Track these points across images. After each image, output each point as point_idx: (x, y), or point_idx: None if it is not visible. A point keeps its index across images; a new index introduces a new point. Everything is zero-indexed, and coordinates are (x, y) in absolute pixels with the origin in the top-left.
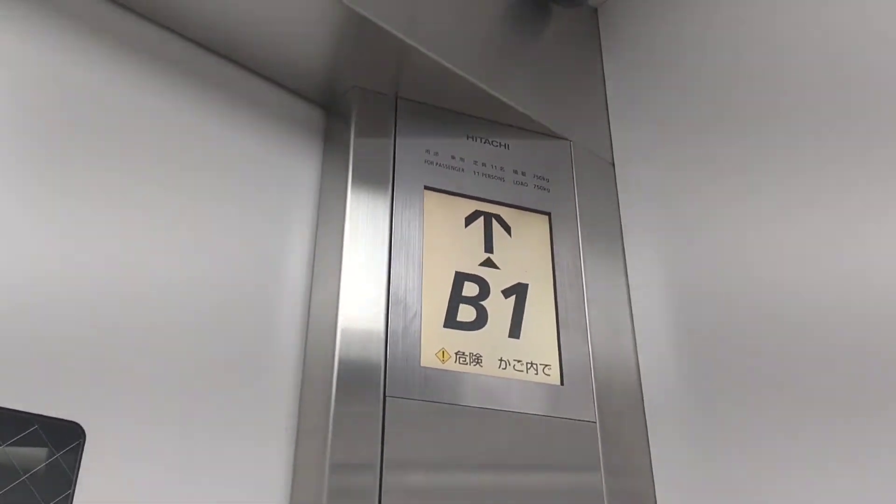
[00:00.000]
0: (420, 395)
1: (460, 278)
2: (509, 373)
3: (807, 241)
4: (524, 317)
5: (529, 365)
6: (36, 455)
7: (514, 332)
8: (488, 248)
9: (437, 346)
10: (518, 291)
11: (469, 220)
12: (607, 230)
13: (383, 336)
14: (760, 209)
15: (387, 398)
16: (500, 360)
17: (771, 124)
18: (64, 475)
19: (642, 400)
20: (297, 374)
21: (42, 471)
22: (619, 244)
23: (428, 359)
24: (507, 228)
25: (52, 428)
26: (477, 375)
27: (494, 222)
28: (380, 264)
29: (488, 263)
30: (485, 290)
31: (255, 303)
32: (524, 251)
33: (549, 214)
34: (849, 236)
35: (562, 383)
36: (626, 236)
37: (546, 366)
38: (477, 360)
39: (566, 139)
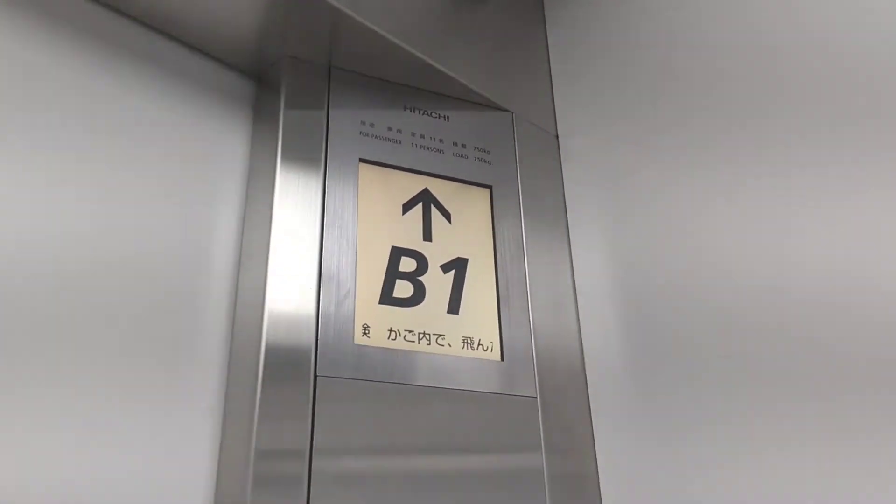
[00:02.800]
0: (353, 374)
1: (397, 253)
2: (448, 349)
3: (750, 219)
4: (464, 292)
5: (469, 341)
6: None
7: (454, 307)
8: (426, 213)
9: (371, 323)
10: (457, 266)
11: (407, 206)
12: (551, 204)
13: (314, 316)
14: (706, 185)
15: (318, 378)
16: (439, 336)
17: (716, 99)
18: None
19: (585, 377)
20: (224, 357)
21: None
22: (562, 219)
23: (361, 336)
24: (447, 215)
25: None
26: (414, 352)
27: (433, 208)
28: (311, 241)
29: (426, 236)
30: (423, 265)
31: (180, 282)
32: (464, 225)
33: (490, 188)
34: (792, 213)
35: (502, 359)
36: (569, 211)
37: (486, 342)
38: (414, 336)
39: (508, 111)
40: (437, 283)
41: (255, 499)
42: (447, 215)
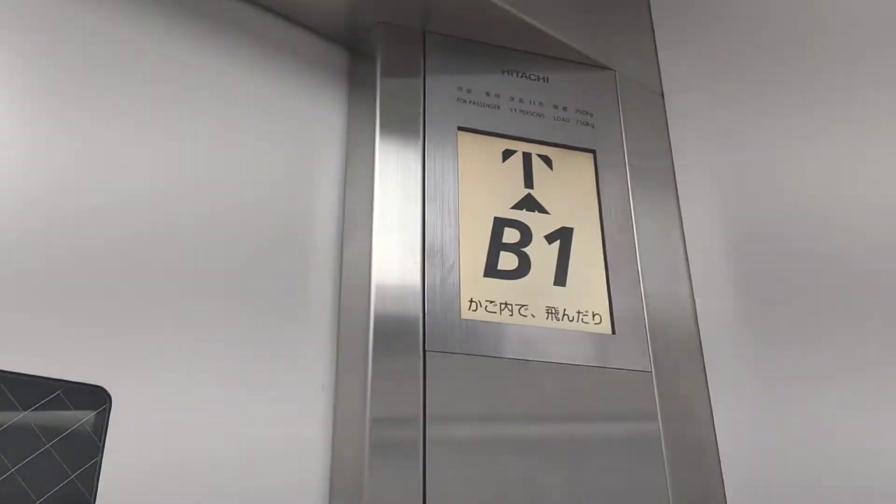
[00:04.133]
0: (462, 349)
1: (500, 224)
2: (556, 323)
3: (869, 174)
4: (570, 263)
5: (578, 314)
6: (61, 421)
7: (560, 279)
8: (528, 183)
9: (476, 296)
10: (562, 236)
11: (506, 154)
12: (658, 166)
13: (420, 289)
14: (824, 138)
15: (427, 353)
16: (546, 309)
17: (834, 50)
18: (90, 441)
19: (700, 345)
20: (332, 329)
21: (67, 437)
22: (670, 181)
23: (468, 311)
24: (549, 162)
25: (76, 393)
26: (522, 326)
27: (535, 157)
28: (413, 214)
29: (529, 206)
30: (526, 235)
31: (286, 257)
32: (567, 192)
33: (593, 152)
34: None
35: (613, 332)
36: (678, 172)
37: (596, 314)
38: (521, 310)
39: (610, 69)
40: (542, 255)
41: (372, 463)
42: (550, 184)
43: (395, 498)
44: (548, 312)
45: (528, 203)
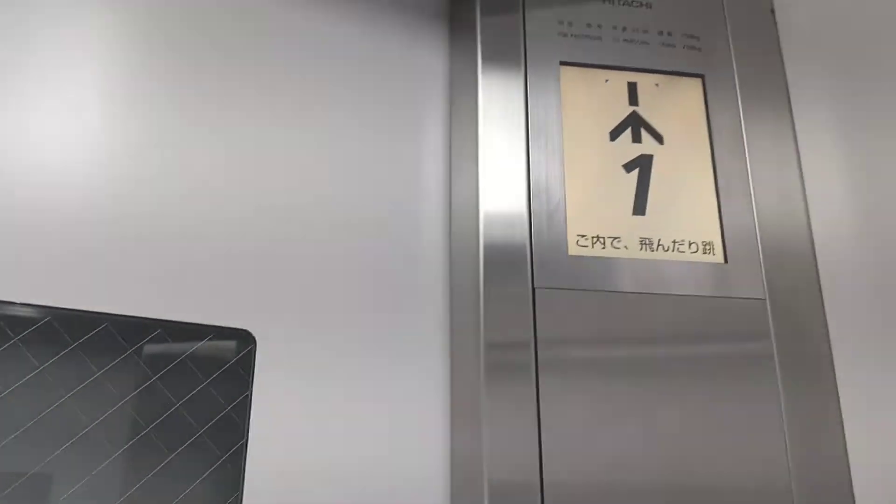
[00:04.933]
0: (570, 285)
1: (606, 158)
2: (667, 254)
3: None
4: (681, 194)
5: (689, 244)
6: (214, 362)
7: (670, 210)
8: (635, 114)
9: (584, 232)
10: (672, 167)
11: (611, 86)
12: (770, 88)
13: (527, 228)
14: None
15: (535, 290)
16: (656, 241)
17: None
18: (241, 379)
19: (817, 272)
20: (444, 265)
21: (221, 376)
22: (784, 103)
23: (576, 246)
24: (656, 90)
25: (225, 336)
26: (631, 260)
27: (641, 86)
28: (518, 153)
29: (637, 137)
30: (634, 168)
31: (396, 197)
32: (676, 121)
33: (702, 77)
34: None
35: (725, 261)
36: (792, 92)
37: (707, 244)
38: (630, 243)
39: None
40: (651, 186)
41: (488, 383)
42: (657, 113)
43: (511, 419)
44: (658, 244)
45: (636, 134)
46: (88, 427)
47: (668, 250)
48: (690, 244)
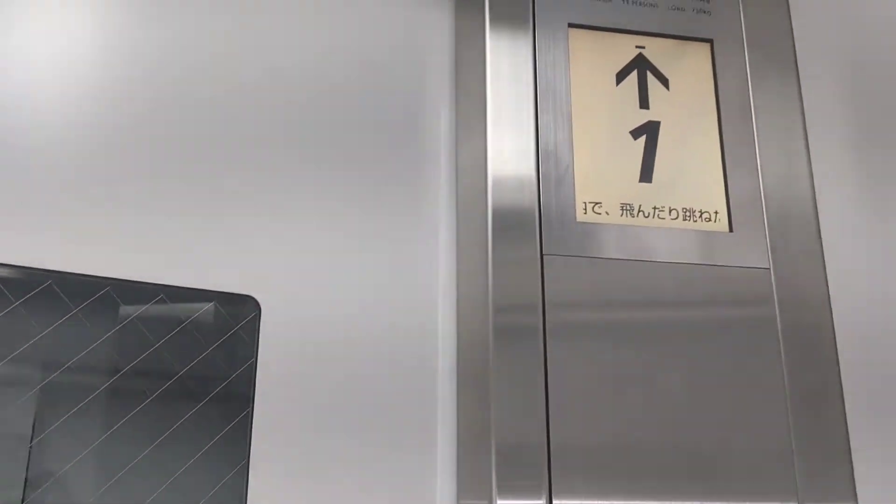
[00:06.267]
0: (578, 252)
1: (615, 124)
2: (673, 222)
3: None
4: (687, 161)
5: (695, 212)
6: (219, 328)
7: (677, 178)
8: (643, 80)
9: (592, 199)
10: (680, 134)
11: (619, 49)
12: (778, 54)
13: (535, 193)
14: None
15: (544, 256)
16: (663, 208)
17: None
18: (246, 345)
19: (821, 242)
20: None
21: (226, 342)
22: (792, 69)
23: (583, 213)
24: (664, 55)
25: (230, 302)
26: (638, 227)
27: (649, 50)
28: (527, 117)
29: (645, 103)
30: (642, 134)
31: (400, 154)
32: (684, 85)
33: (710, 42)
34: None
35: (731, 230)
36: (800, 59)
37: (713, 212)
38: (638, 210)
39: None
40: (659, 153)
41: (497, 346)
42: (664, 78)
43: (519, 382)
44: (665, 211)
45: (644, 100)
46: (90, 396)
47: (675, 218)
48: (697, 213)
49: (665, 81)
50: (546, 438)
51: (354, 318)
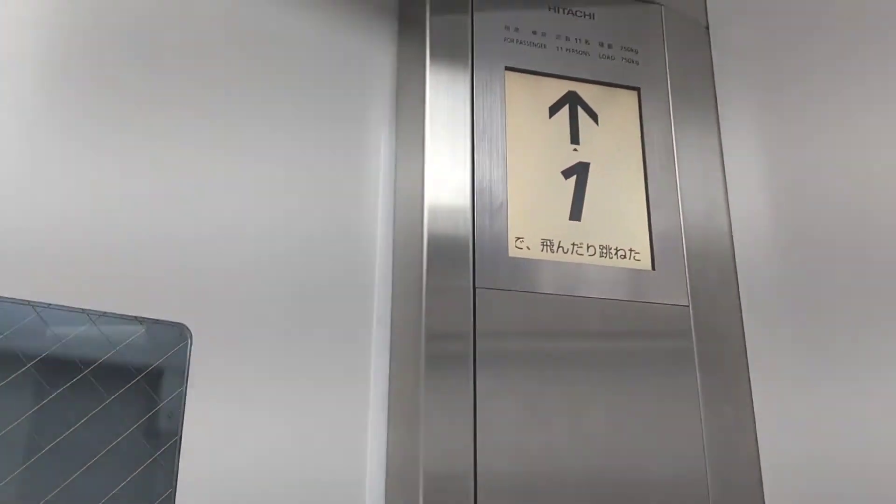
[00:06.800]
0: (510, 285)
1: (546, 164)
2: (600, 259)
3: None
4: (613, 201)
5: (620, 251)
6: (148, 356)
7: (602, 217)
8: (574, 122)
9: (524, 235)
10: (607, 176)
11: (553, 109)
12: (701, 103)
13: (470, 221)
14: (869, 82)
15: (476, 290)
16: (590, 246)
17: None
18: (176, 374)
19: (737, 283)
20: (388, 256)
21: (155, 370)
22: (713, 119)
23: (515, 249)
24: (594, 100)
25: (160, 330)
26: (566, 264)
27: (580, 95)
28: (463, 155)
29: (575, 145)
30: (572, 175)
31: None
32: (612, 130)
33: (638, 90)
34: None
35: (653, 268)
36: (721, 110)
37: (637, 251)
38: (566, 247)
39: (657, 3)
40: (587, 193)
41: (428, 375)
42: (594, 114)
43: (448, 410)
44: (592, 249)
45: (574, 141)
46: (14, 423)
47: (601, 256)
48: (622, 251)
49: (595, 117)
50: (473, 467)
51: (285, 343)
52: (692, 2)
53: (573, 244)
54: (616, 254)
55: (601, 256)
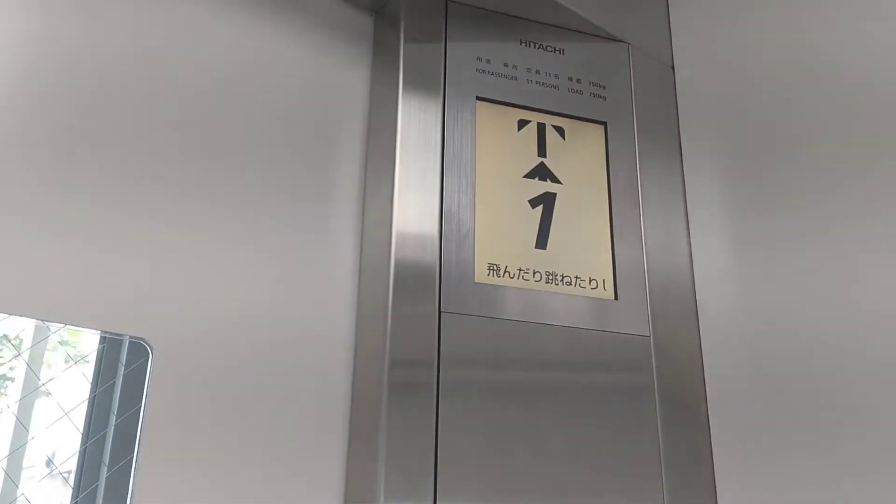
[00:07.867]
0: (474, 311)
1: (514, 193)
2: (564, 288)
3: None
4: (579, 232)
5: (583, 280)
6: (106, 371)
7: (569, 247)
8: (542, 153)
9: (491, 261)
10: (574, 205)
11: (522, 124)
12: (665, 139)
13: (437, 247)
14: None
15: (441, 314)
16: (555, 275)
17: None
18: (134, 390)
19: (697, 314)
20: (353, 282)
21: (112, 386)
22: (676, 154)
23: (482, 275)
24: (562, 132)
25: (120, 345)
26: (531, 291)
27: (548, 127)
28: (432, 180)
29: (542, 175)
30: (538, 204)
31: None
32: (579, 163)
33: (604, 124)
34: None
35: (616, 298)
36: (684, 145)
37: (600, 280)
38: (532, 275)
39: (624, 42)
40: (552, 223)
41: (390, 400)
42: (562, 154)
43: (410, 437)
44: (558, 277)
45: (541, 172)
46: None
47: (566, 284)
48: (586, 280)
49: (563, 158)
50: (433, 496)
51: (250, 364)
52: (658, 42)
53: (538, 272)
54: (580, 283)
55: (566, 285)
